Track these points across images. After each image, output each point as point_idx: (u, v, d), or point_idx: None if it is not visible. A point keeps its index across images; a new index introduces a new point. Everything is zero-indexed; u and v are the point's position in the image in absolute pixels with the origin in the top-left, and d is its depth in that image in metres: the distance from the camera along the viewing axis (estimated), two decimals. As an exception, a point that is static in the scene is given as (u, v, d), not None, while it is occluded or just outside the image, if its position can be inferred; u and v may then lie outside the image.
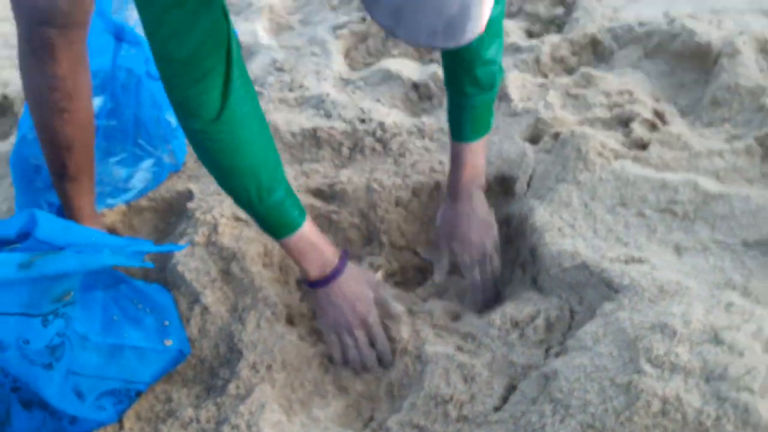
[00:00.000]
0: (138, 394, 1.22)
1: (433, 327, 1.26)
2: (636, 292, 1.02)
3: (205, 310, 1.33)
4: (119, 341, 1.20)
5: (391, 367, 1.23)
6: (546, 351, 1.09)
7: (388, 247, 1.48)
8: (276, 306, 1.32)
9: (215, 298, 1.35)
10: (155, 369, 1.24)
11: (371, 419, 1.18)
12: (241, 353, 1.25)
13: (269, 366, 1.23)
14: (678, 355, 0.89)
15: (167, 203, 1.66)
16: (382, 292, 1.22)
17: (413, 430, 1.09)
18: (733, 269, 1.03)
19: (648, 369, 0.89)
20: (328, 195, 1.57)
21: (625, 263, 1.09)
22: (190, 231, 1.48)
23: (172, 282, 1.40)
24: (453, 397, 1.09)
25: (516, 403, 1.02)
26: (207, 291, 1.35)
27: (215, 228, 1.45)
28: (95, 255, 1.03)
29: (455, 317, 1.28)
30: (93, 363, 1.17)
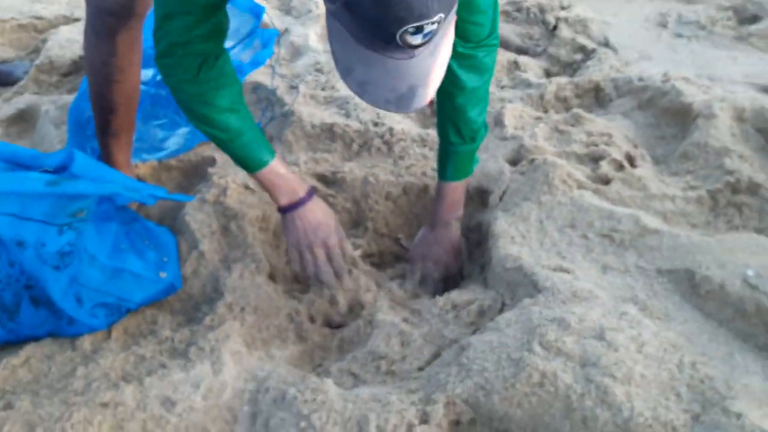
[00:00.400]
0: (128, 311, 1.43)
1: (390, 301, 1.44)
2: (553, 293, 1.19)
3: (201, 255, 1.54)
4: (121, 265, 1.42)
5: (345, 327, 1.41)
6: (473, 331, 1.26)
7: (371, 233, 1.67)
8: (261, 262, 1.52)
9: (211, 247, 1.56)
10: (147, 294, 1.45)
11: (320, 366, 1.36)
12: (222, 294, 1.46)
13: (243, 308, 1.43)
14: (565, 343, 1.05)
15: (193, 166, 1.90)
16: (341, 232, 1.43)
17: (349, 376, 1.27)
18: (641, 289, 1.18)
19: (538, 350, 1.05)
20: (330, 180, 1.77)
21: (553, 271, 1.26)
22: (204, 190, 1.70)
23: (178, 229, 1.62)
24: (387, 356, 1.27)
25: (435, 366, 1.19)
26: (206, 240, 1.56)
27: (225, 190, 1.67)
28: (109, 184, 1.26)
29: (411, 296, 1.46)
30: (96, 279, 1.39)
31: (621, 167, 1.55)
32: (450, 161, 1.45)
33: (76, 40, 2.43)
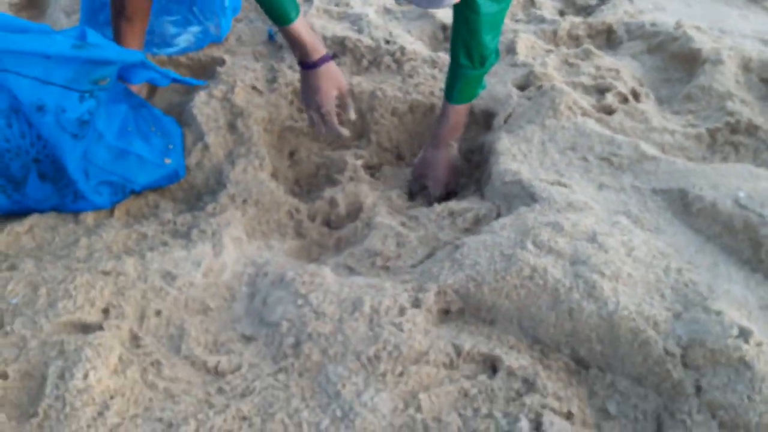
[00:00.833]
0: (131, 192, 1.46)
1: (389, 207, 1.47)
2: (549, 203, 1.23)
3: (206, 148, 1.56)
4: (127, 147, 1.43)
5: (343, 227, 1.45)
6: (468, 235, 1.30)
7: (374, 145, 1.70)
8: (264, 160, 1.54)
9: (217, 141, 1.58)
10: (150, 177, 1.47)
11: (317, 260, 1.40)
12: (225, 186, 1.48)
13: (245, 200, 1.46)
14: (557, 243, 1.09)
15: (201, 65, 1.90)
16: (348, 98, 1.48)
17: (344, 269, 1.31)
18: (635, 204, 1.23)
19: (530, 247, 1.10)
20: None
21: (551, 184, 1.29)
22: (212, 86, 1.71)
23: (185, 121, 1.64)
24: (383, 253, 1.31)
25: (428, 262, 1.23)
26: (212, 134, 1.58)
27: (232, 88, 1.68)
28: (135, 53, 1.26)
29: (410, 205, 1.50)
30: (102, 157, 1.40)
31: (625, 100, 1.57)
32: (457, 83, 1.48)
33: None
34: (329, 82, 1.44)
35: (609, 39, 1.94)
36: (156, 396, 0.98)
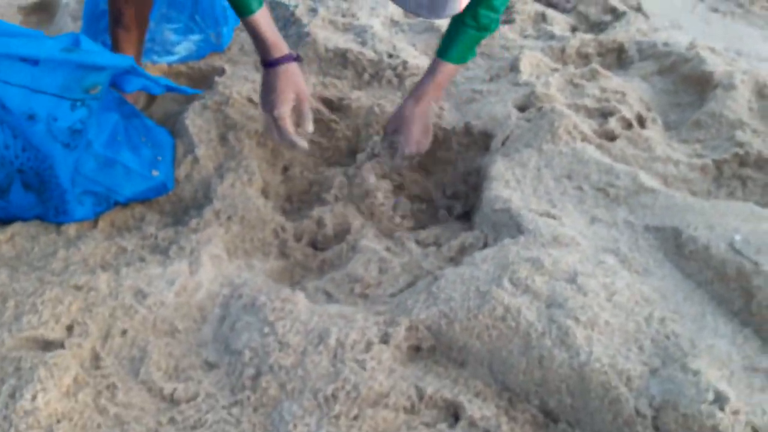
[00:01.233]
0: (115, 203, 1.44)
1: (376, 230, 1.43)
2: (534, 236, 1.17)
3: (196, 160, 1.53)
4: (115, 156, 1.41)
5: (329, 249, 1.41)
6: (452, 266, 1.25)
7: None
8: (253, 174, 1.51)
9: (207, 153, 1.55)
10: (136, 189, 1.45)
11: (298, 283, 1.36)
12: (212, 201, 1.46)
13: (230, 216, 1.43)
14: (534, 281, 1.04)
15: (201, 74, 1.88)
16: (306, 105, 1.43)
17: (322, 294, 1.27)
18: (625, 242, 1.16)
19: (507, 285, 1.05)
20: (335, 106, 1.75)
21: (540, 215, 1.24)
22: (207, 97, 1.68)
23: (177, 131, 1.62)
24: (363, 279, 1.27)
25: (406, 293, 1.18)
26: (203, 146, 1.56)
27: (227, 100, 1.66)
28: (125, 57, 1.23)
29: (398, 226, 1.46)
30: (88, 165, 1.38)
31: (629, 126, 1.51)
32: (456, 41, 1.47)
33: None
34: (287, 83, 1.40)
35: (620, 58, 1.86)
36: (105, 422, 0.95)
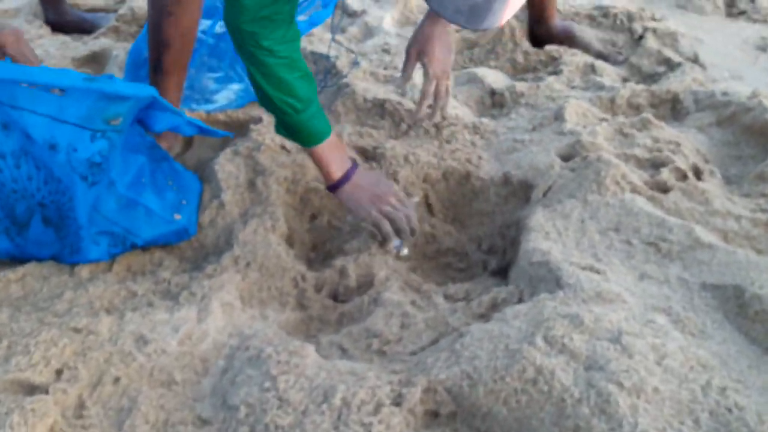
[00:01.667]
0: (133, 245, 1.38)
1: (403, 283, 1.32)
2: (575, 291, 1.04)
3: (221, 205, 1.48)
4: (137, 198, 1.37)
5: (349, 302, 1.31)
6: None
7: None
8: (278, 221, 1.44)
9: (233, 199, 1.49)
10: (155, 232, 1.39)
11: (314, 337, 1.26)
12: (232, 246, 1.39)
13: (248, 263, 1.35)
14: (572, 340, 0.91)
15: (239, 123, 1.85)
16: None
17: (336, 349, 1.16)
18: (678, 301, 1.02)
19: (540, 343, 0.91)
20: (369, 155, 1.68)
21: (582, 269, 1.11)
22: (240, 143, 1.64)
23: (206, 177, 1.57)
24: (382, 335, 1.15)
25: (428, 350, 1.06)
26: (229, 191, 1.50)
27: (259, 146, 1.61)
28: (146, 87, 1.20)
29: (423, 281, 1.34)
30: (109, 205, 1.34)
31: (684, 177, 1.37)
32: None
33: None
34: (377, 175, 1.40)
35: (674, 109, 1.74)
36: (79, 482, 0.86)
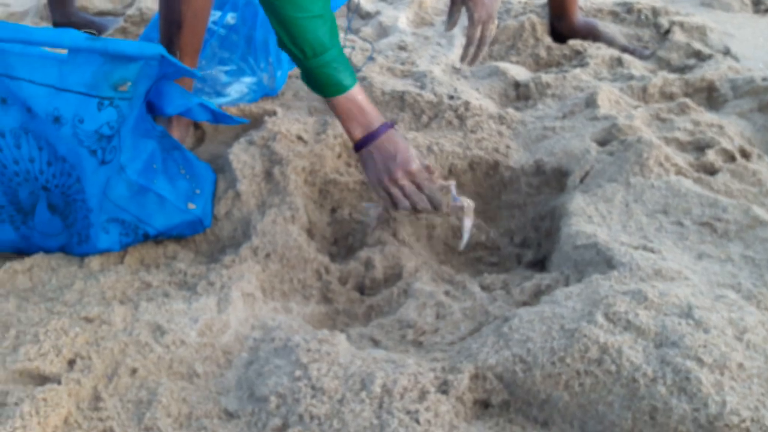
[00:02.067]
0: (145, 235, 1.30)
1: (434, 273, 1.24)
2: (631, 269, 0.95)
3: (237, 196, 1.40)
4: (148, 185, 1.28)
5: (377, 294, 1.22)
6: (524, 309, 1.04)
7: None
8: (297, 211, 1.36)
9: (250, 189, 1.41)
10: (169, 222, 1.31)
11: (342, 331, 1.17)
12: (250, 238, 1.30)
13: (268, 254, 1.27)
14: (638, 316, 0.82)
15: (253, 116, 1.77)
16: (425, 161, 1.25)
17: (368, 341, 1.07)
18: (748, 278, 0.93)
19: (600, 320, 0.82)
20: (391, 146, 1.60)
21: (635, 249, 1.02)
22: (254, 134, 1.57)
23: (220, 167, 1.49)
24: (417, 325, 1.06)
25: (469, 340, 0.97)
26: (245, 181, 1.42)
27: (275, 135, 1.53)
28: (153, 45, 1.11)
29: (457, 271, 1.25)
30: (119, 192, 1.25)
31: (732, 158, 1.29)
32: None
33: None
34: (405, 143, 1.23)
35: (710, 97, 1.66)
36: (93, 478, 0.76)
